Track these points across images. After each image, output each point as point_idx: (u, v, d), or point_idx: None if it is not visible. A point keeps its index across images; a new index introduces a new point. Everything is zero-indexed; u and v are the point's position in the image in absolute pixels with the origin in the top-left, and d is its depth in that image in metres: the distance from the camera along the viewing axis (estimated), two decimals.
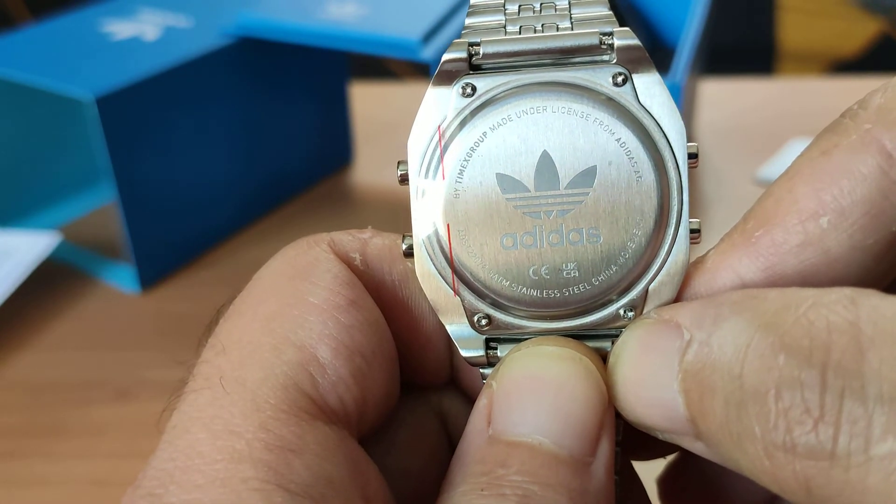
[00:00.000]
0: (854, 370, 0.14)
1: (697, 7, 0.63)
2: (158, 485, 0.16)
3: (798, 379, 0.14)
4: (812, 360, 0.14)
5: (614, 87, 0.18)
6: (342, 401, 0.18)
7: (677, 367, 0.16)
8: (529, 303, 0.19)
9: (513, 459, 0.17)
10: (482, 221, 0.19)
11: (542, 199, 0.18)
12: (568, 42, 0.18)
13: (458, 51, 0.18)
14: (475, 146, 0.18)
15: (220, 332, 0.19)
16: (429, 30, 0.57)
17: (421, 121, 0.19)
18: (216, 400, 0.17)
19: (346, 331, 0.18)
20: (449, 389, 0.22)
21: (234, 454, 0.16)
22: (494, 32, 0.19)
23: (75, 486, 0.44)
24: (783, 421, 0.14)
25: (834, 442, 0.14)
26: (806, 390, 0.14)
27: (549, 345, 0.19)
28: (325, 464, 0.16)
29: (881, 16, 1.07)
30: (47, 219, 0.67)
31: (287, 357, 0.17)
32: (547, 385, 0.18)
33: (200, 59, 0.58)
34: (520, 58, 0.18)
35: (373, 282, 0.20)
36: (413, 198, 0.19)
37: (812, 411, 0.14)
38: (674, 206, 0.18)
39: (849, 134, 0.17)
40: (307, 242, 0.20)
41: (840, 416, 0.14)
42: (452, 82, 0.18)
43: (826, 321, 0.14)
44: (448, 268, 0.19)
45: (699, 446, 0.17)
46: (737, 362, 0.15)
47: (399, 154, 0.20)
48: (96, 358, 0.53)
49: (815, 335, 0.14)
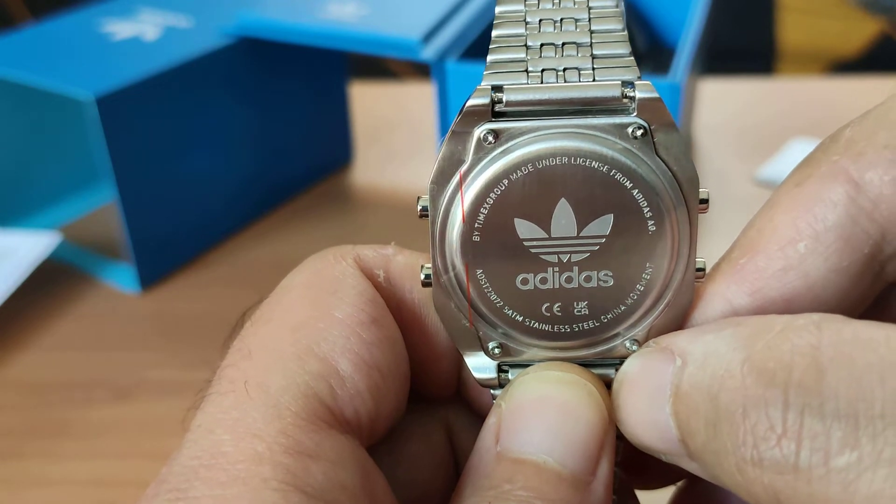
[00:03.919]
0: (814, 389, 0.15)
1: (697, 7, 0.63)
2: (183, 480, 0.17)
3: (763, 398, 0.15)
4: (775, 381, 0.15)
5: (633, 139, 0.19)
6: (357, 413, 0.19)
7: (669, 391, 0.18)
8: (541, 335, 0.20)
9: (519, 476, 0.18)
10: (500, 262, 0.19)
11: (558, 244, 0.19)
12: (590, 93, 0.19)
13: (481, 97, 0.19)
14: (495, 192, 0.19)
15: (247, 337, 0.20)
16: (429, 30, 0.57)
17: (442, 162, 0.19)
18: (240, 403, 0.18)
19: (366, 347, 0.19)
20: (455, 403, 0.23)
21: (255, 456, 0.17)
22: (517, 74, 0.19)
23: (75, 486, 0.44)
24: (750, 437, 0.15)
25: (796, 456, 0.15)
26: (770, 408, 0.15)
27: (555, 369, 0.20)
28: (339, 470, 0.17)
29: (881, 16, 1.07)
30: (47, 219, 0.67)
31: (310, 367, 0.18)
32: (552, 407, 0.19)
33: (200, 59, 0.58)
34: (543, 106, 0.19)
35: (394, 298, 0.21)
36: (432, 235, 0.20)
37: (776, 428, 0.15)
38: (683, 251, 0.19)
39: (819, 166, 0.18)
40: (334, 256, 0.21)
41: (801, 431, 0.15)
42: (475, 127, 0.19)
43: (791, 345, 0.16)
44: (465, 301, 0.20)
45: (694, 466, 0.18)
46: (714, 384, 0.16)
47: (399, 154, 0.20)
48: (96, 358, 0.53)
49: (780, 357, 0.16)
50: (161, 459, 0.18)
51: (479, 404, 0.23)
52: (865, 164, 0.18)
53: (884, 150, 0.18)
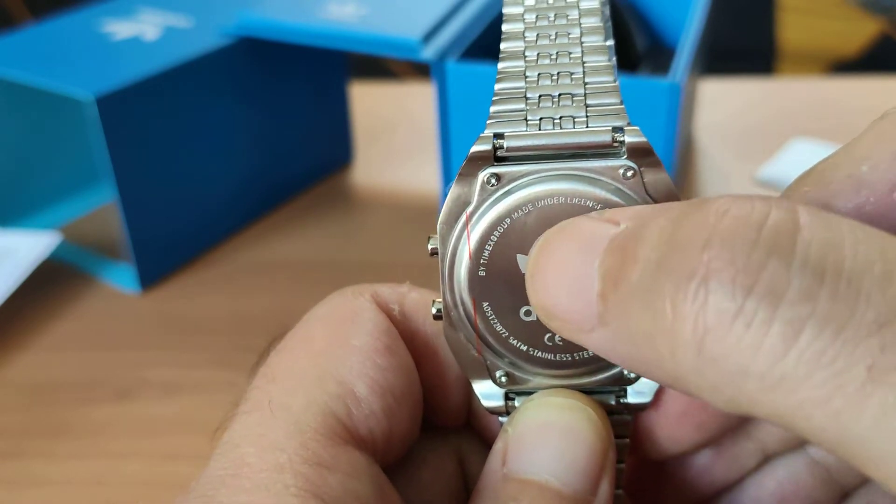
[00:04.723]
0: (787, 239, 0.14)
1: (697, 7, 0.64)
2: (210, 488, 0.18)
3: (734, 232, 0.15)
4: (750, 221, 0.15)
5: (624, 180, 0.20)
6: (372, 431, 0.20)
7: (603, 247, 0.17)
8: (544, 364, 0.21)
9: (523, 495, 0.19)
10: (504, 296, 0.21)
11: None
12: (583, 139, 0.20)
13: (484, 144, 0.20)
14: (499, 230, 0.20)
15: (272, 363, 0.21)
16: (429, 30, 0.57)
17: (450, 204, 0.21)
18: (264, 421, 0.19)
19: (381, 372, 0.21)
20: (467, 432, 0.25)
21: (277, 466, 0.18)
22: (517, 123, 0.21)
23: (75, 486, 0.44)
24: (703, 268, 0.14)
25: (745, 296, 0.14)
26: (738, 242, 0.14)
27: (558, 396, 0.21)
28: (353, 482, 0.19)
29: (881, 16, 1.07)
30: (47, 219, 0.67)
31: (328, 389, 0.20)
32: (555, 431, 0.20)
33: (200, 59, 0.58)
34: (540, 151, 0.20)
35: (408, 331, 0.23)
36: (442, 272, 0.21)
37: (736, 262, 0.14)
38: None
39: (792, 195, 0.19)
40: (352, 292, 0.23)
41: (761, 272, 0.14)
42: (479, 171, 0.20)
43: (767, 203, 0.15)
44: (473, 333, 0.21)
45: (595, 336, 0.17)
46: (671, 225, 0.16)
47: (399, 154, 0.20)
48: (96, 358, 0.53)
49: (757, 208, 0.15)
50: (161, 459, 0.18)
51: (488, 433, 0.24)
52: (831, 193, 0.19)
53: (847, 179, 0.19)
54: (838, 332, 0.13)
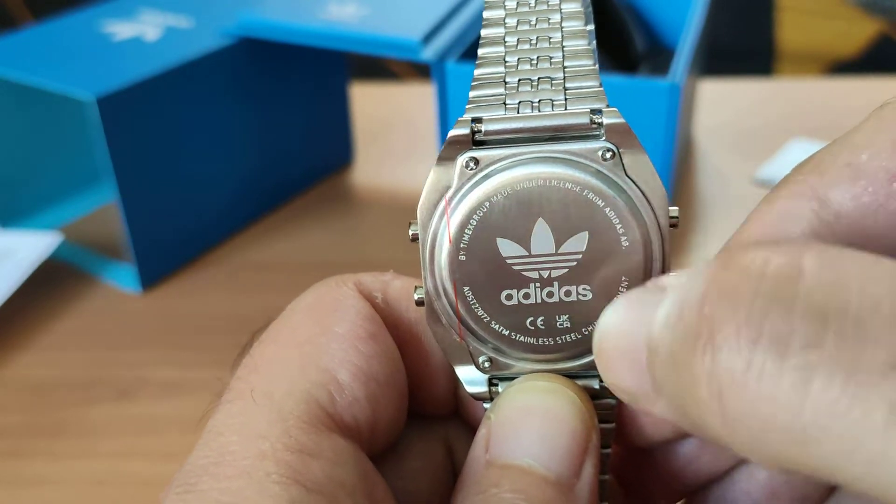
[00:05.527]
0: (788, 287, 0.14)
1: (697, 7, 0.64)
2: (193, 476, 0.18)
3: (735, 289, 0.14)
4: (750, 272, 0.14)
5: (603, 161, 0.20)
6: (356, 418, 0.20)
7: (652, 319, 0.17)
8: (527, 348, 0.21)
9: (505, 480, 0.19)
10: (485, 279, 0.21)
11: (538, 261, 0.20)
12: (561, 121, 0.20)
13: (462, 128, 0.20)
14: (478, 214, 0.20)
15: (255, 353, 0.21)
16: (429, 30, 0.57)
17: (429, 189, 0.21)
18: (246, 409, 0.19)
19: (364, 359, 0.21)
20: (454, 420, 0.25)
21: (259, 453, 0.18)
22: (496, 107, 0.21)
23: (76, 485, 0.44)
24: (707, 326, 0.14)
25: (752, 350, 0.14)
26: (739, 299, 0.14)
27: (540, 380, 0.21)
28: (337, 469, 0.18)
29: (881, 16, 1.07)
30: (48, 219, 0.67)
31: (311, 377, 0.20)
32: (536, 415, 0.20)
33: (201, 59, 0.58)
34: (518, 134, 0.20)
35: (391, 319, 0.23)
36: (423, 258, 0.21)
37: (737, 318, 0.14)
38: (657, 265, 0.21)
39: (790, 185, 0.20)
40: (335, 281, 0.23)
41: (764, 324, 0.14)
42: (458, 155, 0.20)
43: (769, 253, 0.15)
44: (455, 318, 0.21)
45: (660, 406, 0.17)
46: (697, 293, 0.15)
47: (399, 154, 0.20)
48: (97, 357, 0.53)
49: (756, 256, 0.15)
50: (162, 459, 0.18)
51: (475, 420, 0.24)
52: (828, 182, 0.19)
53: (845, 168, 0.18)
54: (849, 378, 0.13)
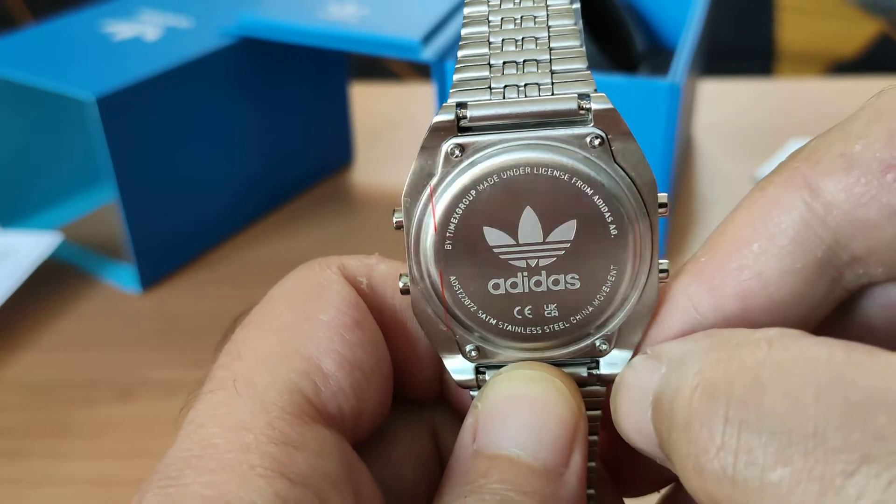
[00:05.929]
0: (752, 404, 0.15)
1: (697, 7, 0.64)
2: (175, 469, 0.17)
3: (706, 410, 0.16)
4: (717, 395, 0.16)
5: (591, 148, 0.19)
6: (340, 408, 0.20)
7: (651, 397, 0.18)
8: (514, 337, 0.21)
9: (493, 470, 0.19)
10: (472, 268, 0.20)
11: (526, 250, 0.20)
12: (548, 106, 0.19)
13: (447, 113, 0.20)
14: (464, 202, 0.20)
15: (237, 340, 0.21)
16: (429, 30, 0.57)
17: (413, 176, 0.20)
18: (229, 400, 0.19)
19: (349, 347, 0.20)
20: (440, 406, 0.24)
21: (243, 446, 0.17)
22: (480, 91, 0.20)
23: (77, 485, 0.44)
24: (693, 448, 0.16)
25: (733, 469, 0.15)
26: (711, 420, 0.16)
27: (526, 368, 0.21)
28: (322, 460, 0.18)
29: (880, 16, 1.07)
30: (48, 219, 0.67)
31: (295, 366, 0.19)
32: (523, 404, 0.20)
33: (201, 59, 0.58)
34: (504, 120, 0.20)
35: (376, 304, 0.22)
36: (407, 246, 0.20)
37: (714, 440, 0.16)
38: (646, 253, 0.20)
39: (782, 173, 0.20)
40: (319, 265, 0.22)
41: (738, 445, 0.15)
42: (442, 142, 0.20)
43: (738, 361, 0.16)
44: (441, 307, 0.21)
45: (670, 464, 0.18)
46: (671, 393, 0.17)
47: (399, 154, 0.20)
48: (98, 358, 0.53)
49: (726, 372, 0.16)
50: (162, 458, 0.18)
51: (462, 406, 0.24)
52: (821, 171, 0.18)
53: (839, 158, 0.18)
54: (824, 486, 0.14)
